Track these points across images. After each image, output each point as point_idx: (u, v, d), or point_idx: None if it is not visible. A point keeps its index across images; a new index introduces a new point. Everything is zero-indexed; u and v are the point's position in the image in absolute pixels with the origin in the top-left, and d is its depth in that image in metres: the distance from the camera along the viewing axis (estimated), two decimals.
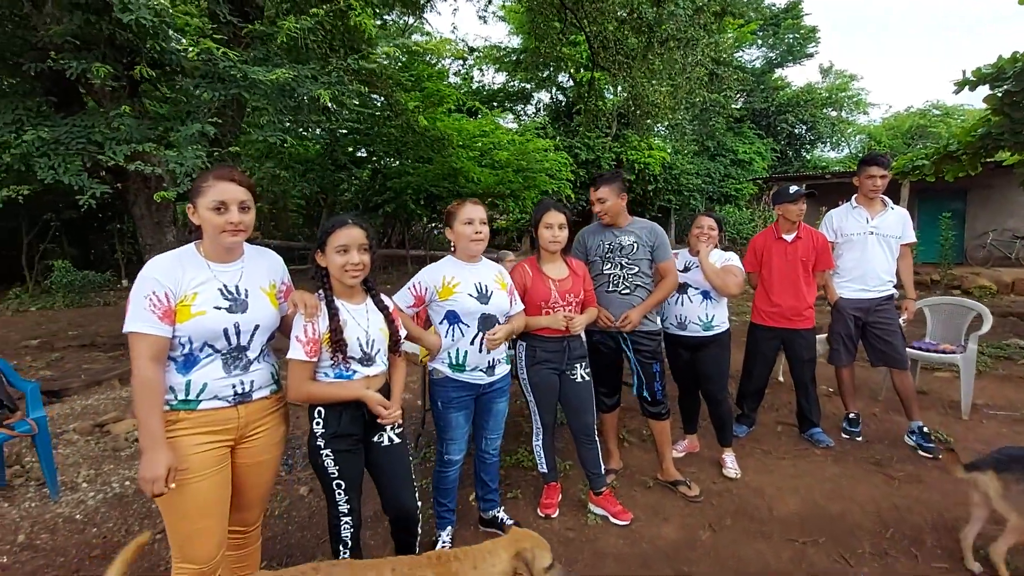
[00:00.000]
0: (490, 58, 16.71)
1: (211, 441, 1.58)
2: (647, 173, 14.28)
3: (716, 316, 2.99)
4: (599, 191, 2.77)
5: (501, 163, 11.02)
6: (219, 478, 1.59)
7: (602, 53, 8.18)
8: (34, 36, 3.53)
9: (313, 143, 10.66)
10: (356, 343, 1.79)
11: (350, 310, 1.83)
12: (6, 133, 3.62)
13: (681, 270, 3.02)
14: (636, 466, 3.19)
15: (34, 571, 2.26)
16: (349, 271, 1.77)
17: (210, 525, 1.57)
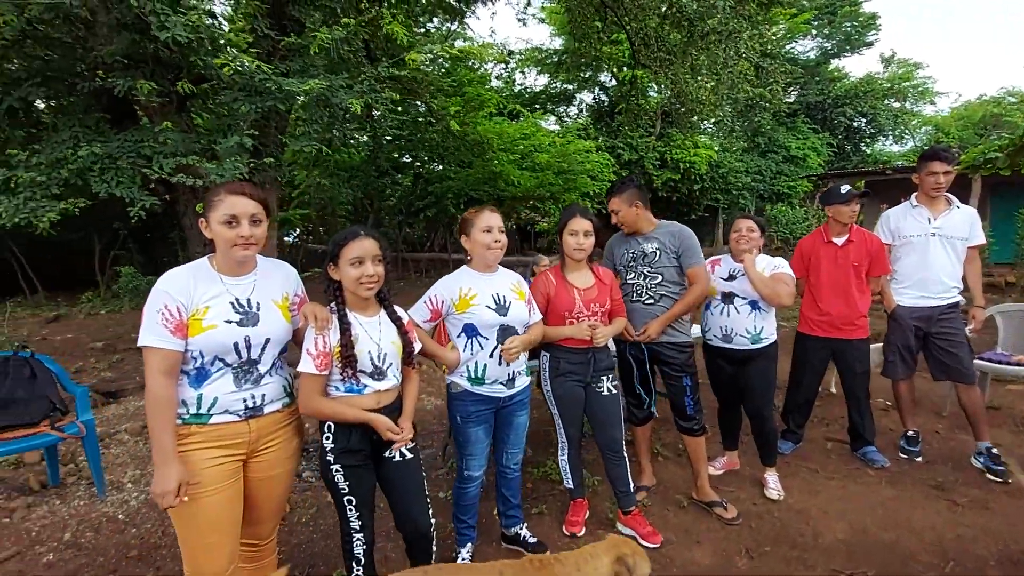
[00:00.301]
0: (532, 60, 16.67)
1: (223, 455, 1.58)
2: (693, 172, 13.84)
3: (765, 328, 2.78)
4: (611, 202, 2.69)
5: (542, 165, 10.94)
6: (230, 492, 1.59)
7: (643, 50, 7.97)
8: (87, 57, 3.74)
9: (358, 150, 10.92)
10: (367, 357, 1.76)
11: (362, 323, 1.80)
12: (64, 149, 3.82)
13: (725, 278, 2.84)
14: (670, 483, 3.03)
15: (76, 570, 2.36)
16: (364, 283, 1.75)
17: (220, 540, 1.58)
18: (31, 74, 3.75)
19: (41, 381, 3.06)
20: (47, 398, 3.02)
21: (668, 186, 14.37)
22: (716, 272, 2.89)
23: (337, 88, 3.84)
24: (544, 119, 16.48)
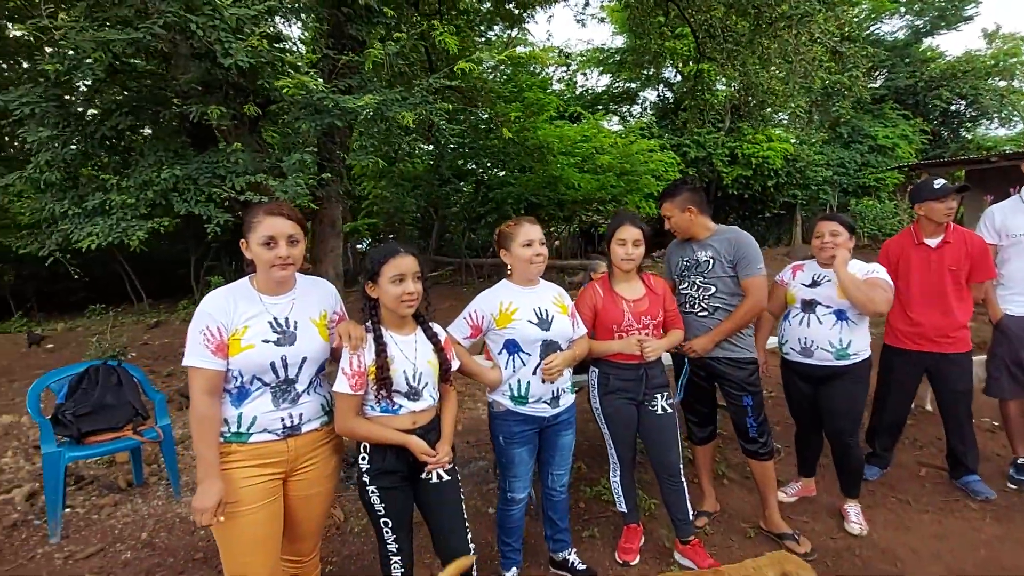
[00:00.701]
0: (593, 61, 16.43)
1: (262, 474, 1.60)
2: (766, 167, 13.03)
3: (854, 342, 2.46)
4: (663, 207, 2.55)
5: (603, 167, 10.72)
6: (269, 512, 1.61)
7: (708, 43, 7.58)
8: (168, 87, 4.03)
9: (422, 161, 11.20)
10: (402, 376, 1.73)
11: (398, 342, 1.77)
12: (150, 173, 4.11)
13: (807, 284, 2.57)
14: (736, 509, 2.81)
15: (148, 569, 2.51)
16: (405, 301, 1.72)
17: (260, 559, 1.59)
18: (120, 106, 4.09)
19: (126, 388, 3.31)
20: (131, 404, 3.25)
21: (739, 183, 13.63)
22: (798, 278, 2.63)
23: (391, 102, 3.90)
24: (606, 120, 16.17)
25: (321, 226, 5.91)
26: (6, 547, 2.70)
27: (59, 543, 2.71)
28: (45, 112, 3.64)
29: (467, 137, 9.84)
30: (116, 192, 4.09)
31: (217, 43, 3.06)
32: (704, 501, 2.76)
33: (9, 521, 2.95)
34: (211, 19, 3.05)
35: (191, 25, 3.00)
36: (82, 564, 2.55)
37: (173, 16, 2.99)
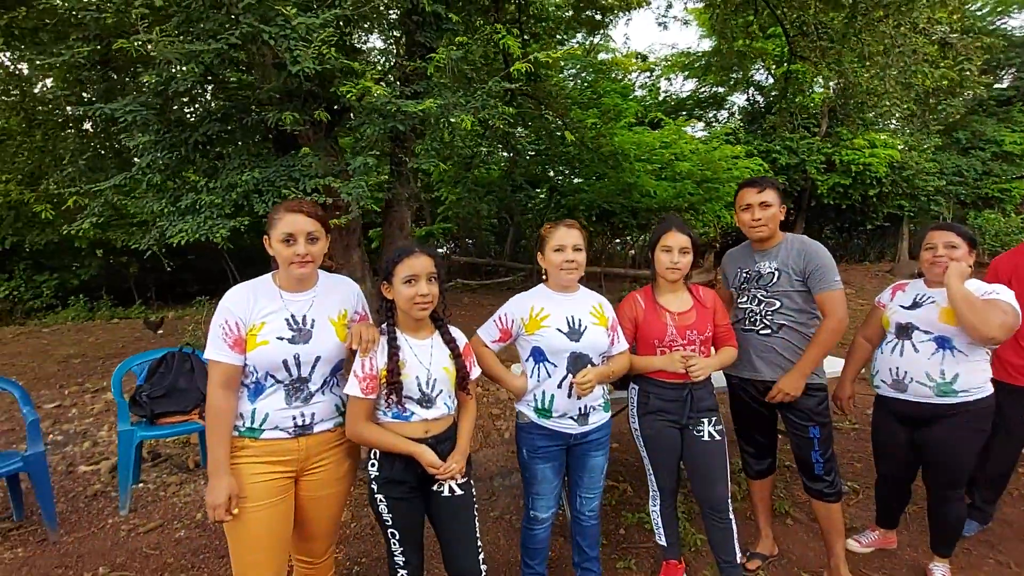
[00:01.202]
0: (678, 65, 15.83)
1: (272, 471, 1.60)
2: (868, 175, 11.77)
3: (962, 376, 2.06)
4: (764, 192, 2.18)
5: (682, 174, 10.26)
6: (278, 510, 1.60)
7: (801, 41, 7.03)
8: (252, 95, 4.32)
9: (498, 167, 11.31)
10: (415, 383, 1.68)
11: (413, 346, 1.72)
12: (235, 176, 4.42)
13: (907, 306, 2.21)
14: (798, 555, 2.49)
15: (196, 549, 2.65)
16: (418, 303, 1.67)
17: (266, 557, 1.59)
18: (212, 114, 4.44)
19: (198, 374, 3.55)
20: (199, 389, 3.48)
21: (836, 192, 12.45)
22: (896, 299, 2.28)
23: (452, 106, 3.93)
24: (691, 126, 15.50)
25: (390, 228, 6.11)
26: (84, 515, 2.97)
27: (126, 516, 2.94)
28: (146, 120, 4.01)
29: (542, 143, 9.80)
30: (206, 193, 4.43)
31: (287, 52, 3.22)
32: (760, 542, 2.48)
33: (92, 491, 3.26)
34: (282, 29, 3.21)
35: (263, 35, 3.18)
36: (142, 538, 2.73)
37: (248, 27, 3.18)
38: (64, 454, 3.81)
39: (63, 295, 10.95)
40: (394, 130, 4.08)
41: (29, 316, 10.50)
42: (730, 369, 2.33)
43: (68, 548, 2.63)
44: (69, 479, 3.42)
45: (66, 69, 4.60)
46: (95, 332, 9.01)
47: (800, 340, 2.18)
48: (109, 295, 11.13)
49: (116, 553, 2.58)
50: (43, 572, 2.43)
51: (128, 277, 11.52)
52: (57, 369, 6.55)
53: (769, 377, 2.20)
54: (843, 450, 3.59)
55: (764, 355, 2.21)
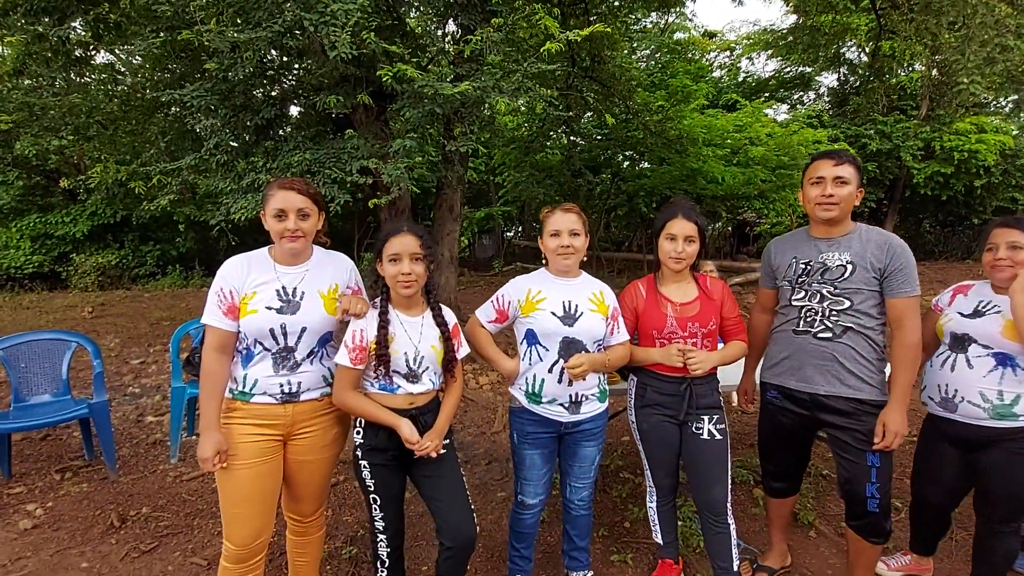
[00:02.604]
0: (760, 44, 14.76)
1: (260, 434, 1.70)
2: (975, 163, 10.43)
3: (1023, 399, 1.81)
4: (842, 167, 1.87)
5: (755, 160, 9.62)
6: (264, 469, 1.71)
7: (891, 14, 6.33)
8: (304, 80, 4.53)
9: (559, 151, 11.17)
10: (403, 358, 1.73)
11: (404, 322, 1.77)
12: (290, 156, 4.67)
13: (966, 313, 1.96)
14: (812, 569, 2.33)
15: None
16: (400, 281, 1.72)
17: (251, 512, 1.69)
18: (269, 99, 4.71)
19: None
20: None
21: (935, 182, 11.17)
22: (956, 304, 2.02)
23: (488, 89, 3.91)
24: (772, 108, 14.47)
25: (440, 211, 6.24)
26: (142, 459, 3.33)
27: (175, 464, 3.25)
28: (211, 104, 4.33)
29: (606, 128, 9.54)
30: (265, 172, 4.72)
31: (325, 37, 3.34)
32: (770, 554, 2.32)
33: (153, 439, 3.63)
34: (322, 15, 3.33)
35: (304, 22, 3.31)
36: (183, 484, 3.02)
37: (292, 15, 3.32)
38: (138, 404, 4.27)
39: (163, 264, 12.17)
40: (432, 113, 4.14)
41: (135, 282, 11.75)
42: (770, 376, 2.08)
43: (122, 487, 2.96)
44: (137, 427, 3.84)
45: (152, 59, 5.06)
46: (186, 299, 9.95)
47: (866, 348, 1.87)
48: (202, 266, 12.25)
49: (159, 496, 2.87)
50: (99, 506, 2.76)
51: (219, 251, 12.60)
52: (148, 329, 7.30)
53: (824, 390, 1.90)
54: (895, 464, 3.27)
55: (820, 363, 1.90)
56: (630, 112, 8.36)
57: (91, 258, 11.11)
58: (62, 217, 10.99)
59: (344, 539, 2.50)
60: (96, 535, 2.49)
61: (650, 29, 13.02)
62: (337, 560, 2.35)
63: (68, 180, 10.06)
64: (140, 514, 2.66)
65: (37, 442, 3.48)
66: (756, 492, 2.89)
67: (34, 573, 2.23)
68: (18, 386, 3.00)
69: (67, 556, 2.34)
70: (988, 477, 1.90)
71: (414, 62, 3.78)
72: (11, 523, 2.57)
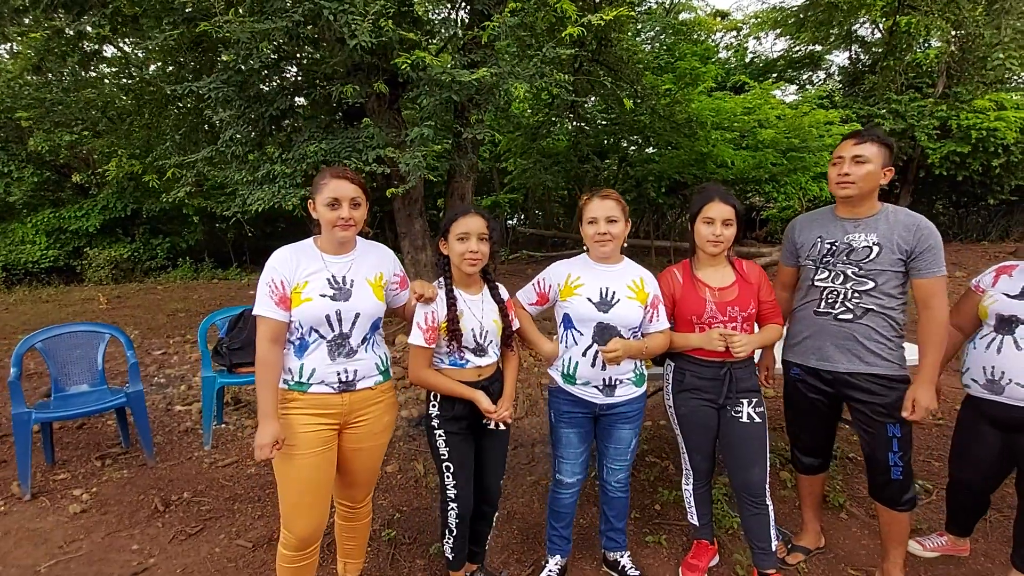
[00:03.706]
0: (768, 21, 14.52)
1: (318, 423, 1.73)
2: (993, 142, 10.26)
3: None
4: (863, 145, 1.87)
5: (765, 143, 9.52)
6: (322, 458, 1.74)
7: None
8: (319, 70, 4.52)
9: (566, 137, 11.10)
10: (470, 333, 1.83)
11: (467, 300, 1.87)
12: (305, 147, 4.68)
13: (1014, 294, 1.93)
14: (848, 550, 2.36)
15: (264, 484, 2.94)
16: (468, 258, 1.80)
17: (311, 500, 1.73)
18: (284, 89, 4.70)
19: None
20: None
21: (951, 162, 11.03)
22: (1000, 285, 1.99)
23: (507, 74, 3.89)
24: (780, 89, 14.28)
25: (451, 199, 6.23)
26: (176, 447, 3.39)
27: (208, 451, 3.31)
28: (227, 96, 4.32)
29: (612, 112, 9.46)
30: (279, 164, 4.73)
31: (345, 26, 3.33)
32: (804, 534, 2.35)
33: (184, 427, 3.69)
34: (341, 4, 3.31)
35: (324, 11, 3.29)
36: (219, 470, 3.08)
37: (312, 4, 3.30)
38: (165, 394, 4.34)
39: (174, 256, 12.24)
40: (449, 100, 4.12)
41: (147, 274, 11.85)
42: (791, 355, 2.13)
43: (161, 473, 3.03)
44: (167, 416, 3.90)
45: (166, 52, 5.04)
46: (199, 290, 10.03)
47: (886, 327, 1.91)
48: (211, 258, 12.31)
49: (198, 481, 2.93)
50: (141, 490, 2.83)
51: (227, 242, 12.65)
52: (166, 321, 7.38)
53: (844, 368, 1.95)
54: (923, 446, 3.29)
55: (842, 343, 1.95)
56: (638, 96, 8.28)
57: (104, 252, 11.20)
58: (74, 212, 11.05)
59: (382, 522, 2.55)
60: (143, 519, 2.56)
61: (655, 9, 12.83)
62: (377, 542, 2.40)
63: (80, 175, 10.13)
64: (182, 499, 2.73)
65: (74, 431, 3.56)
66: (783, 475, 2.91)
67: (89, 555, 2.30)
68: (58, 377, 3.06)
69: (118, 539, 2.41)
70: None
71: (428, 48, 3.76)
72: (60, 507, 2.65)
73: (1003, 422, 1.95)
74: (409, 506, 2.72)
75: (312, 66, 4.73)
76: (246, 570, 2.23)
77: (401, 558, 2.32)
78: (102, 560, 2.26)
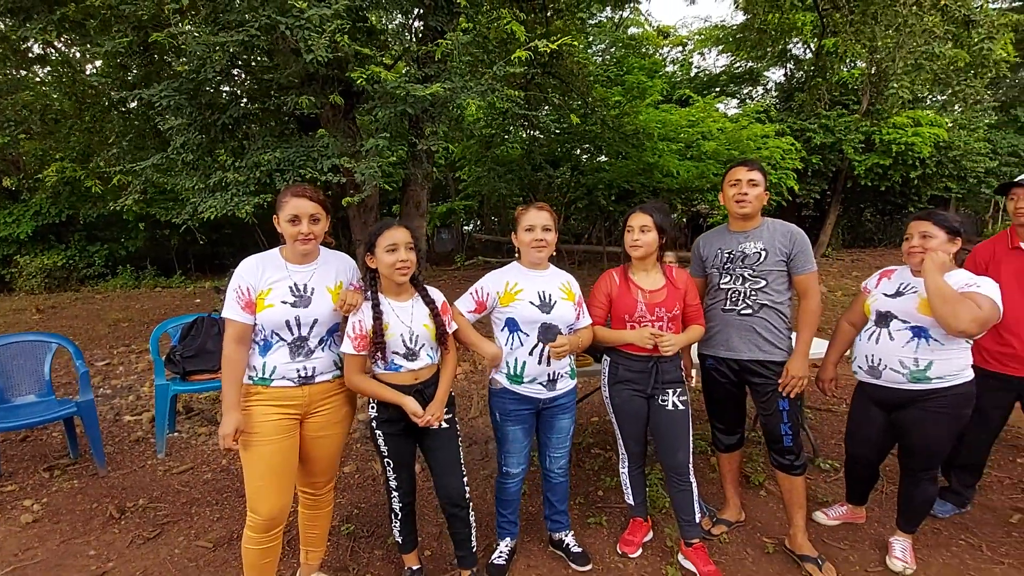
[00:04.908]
0: (711, 39, 15.34)
1: (280, 413, 1.88)
2: (911, 155, 11.25)
3: (936, 364, 2.10)
4: (754, 172, 2.27)
5: (708, 154, 10.09)
6: (284, 445, 1.88)
7: (834, 15, 6.83)
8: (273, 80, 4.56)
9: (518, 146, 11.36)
10: (399, 340, 1.94)
11: (395, 307, 1.98)
12: (259, 155, 4.70)
13: (890, 294, 2.23)
14: (763, 522, 2.65)
15: (220, 488, 3.00)
16: (399, 268, 1.92)
17: (273, 483, 1.87)
18: (237, 97, 4.72)
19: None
20: None
21: (875, 173, 11.98)
22: (881, 286, 2.31)
23: (460, 90, 4.07)
24: (723, 103, 15.07)
25: (407, 207, 6.33)
26: (127, 456, 3.38)
27: (162, 459, 3.32)
28: (179, 104, 4.31)
29: (564, 123, 9.80)
30: (232, 171, 4.74)
31: (302, 41, 3.43)
32: (726, 509, 2.64)
33: (134, 437, 3.67)
34: (297, 20, 3.41)
35: (280, 26, 3.39)
36: (175, 477, 3.10)
37: (267, 19, 3.39)
38: (112, 405, 4.26)
39: (112, 264, 11.72)
40: (404, 113, 4.27)
41: (83, 283, 11.30)
42: (705, 348, 2.45)
43: (114, 482, 3.02)
44: (116, 426, 3.85)
45: (111, 56, 4.96)
46: (141, 299, 9.68)
47: (777, 320, 2.30)
48: (153, 265, 11.86)
49: (153, 488, 2.95)
50: (94, 499, 2.83)
51: (170, 249, 12.22)
52: (107, 331, 7.13)
53: (746, 356, 2.30)
54: (834, 431, 3.67)
55: (744, 335, 2.30)
56: (589, 108, 8.63)
57: (36, 259, 10.63)
58: (4, 217, 10.45)
59: (341, 518, 2.66)
60: (97, 526, 2.58)
61: (605, 23, 13.30)
62: (337, 536, 2.52)
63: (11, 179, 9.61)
64: (137, 505, 2.75)
65: (17, 443, 3.48)
66: (713, 460, 3.20)
67: (45, 562, 2.31)
68: (3, 387, 3.01)
69: (73, 545, 2.42)
70: (908, 433, 2.22)
71: (382, 62, 3.89)
72: (12, 518, 2.62)
73: (883, 402, 2.28)
74: (367, 503, 2.84)
75: (265, 75, 4.76)
76: (207, 569, 2.30)
77: (360, 550, 2.44)
78: (60, 566, 2.28)
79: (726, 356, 2.36)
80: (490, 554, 2.33)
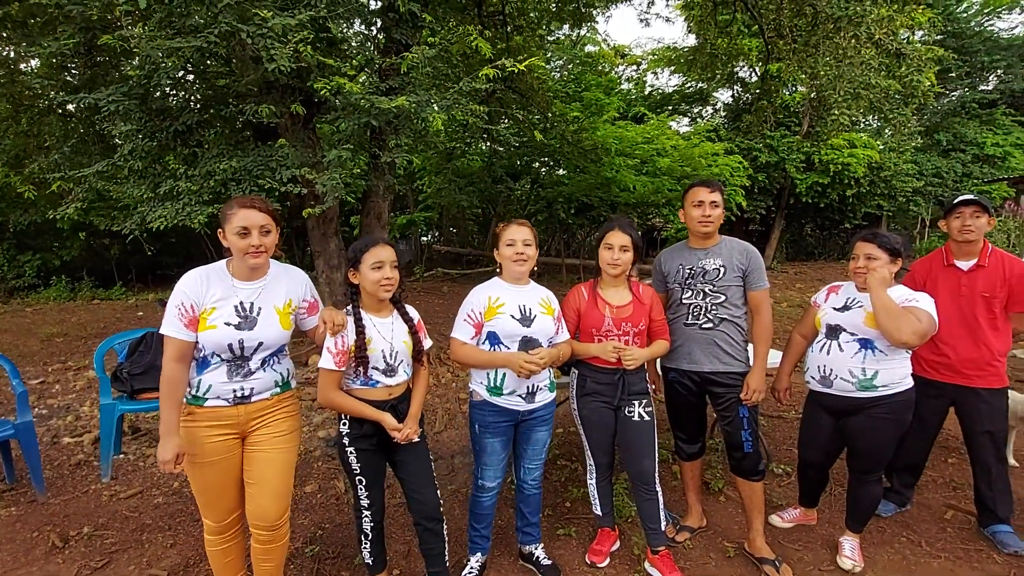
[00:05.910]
0: (664, 60, 15.98)
1: (218, 433, 1.82)
2: (847, 175, 12.07)
3: (881, 373, 2.25)
4: (715, 193, 2.39)
5: (662, 170, 10.46)
6: (225, 464, 1.85)
7: (778, 42, 7.24)
8: (230, 88, 4.44)
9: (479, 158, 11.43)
10: (380, 355, 1.93)
11: (376, 324, 1.96)
12: (213, 164, 4.55)
13: (838, 308, 2.39)
14: (724, 527, 2.75)
15: (173, 513, 2.85)
16: (384, 285, 1.91)
17: (219, 497, 1.87)
18: (190, 104, 4.56)
19: None
20: None
21: (815, 191, 12.75)
22: (830, 301, 2.46)
23: (424, 104, 4.08)
24: (675, 121, 15.70)
25: (368, 218, 6.26)
26: (69, 481, 3.16)
27: (108, 483, 3.12)
28: (128, 109, 4.12)
29: (524, 136, 9.95)
30: (184, 180, 4.56)
31: (263, 50, 3.36)
32: (689, 516, 2.72)
33: (76, 460, 3.43)
34: (260, 28, 3.34)
35: (241, 34, 3.31)
36: (122, 502, 2.93)
37: (227, 26, 3.31)
38: (49, 427, 3.98)
39: (45, 275, 10.96)
40: (367, 124, 4.24)
41: (12, 295, 10.52)
42: (668, 361, 2.54)
43: (55, 509, 2.82)
44: (54, 449, 3.60)
45: (52, 57, 4.69)
46: (77, 312, 9.10)
47: (736, 333, 2.41)
48: (91, 276, 11.16)
49: (99, 515, 2.77)
50: (34, 528, 2.63)
51: (110, 259, 11.55)
52: (40, 347, 6.66)
53: (708, 368, 2.39)
54: (786, 437, 3.85)
55: (706, 347, 2.40)
56: (548, 122, 8.80)
57: None
58: None
59: (304, 540, 2.58)
60: (40, 555, 2.40)
61: (563, 41, 13.62)
62: (301, 559, 2.44)
63: None
64: (82, 533, 2.57)
65: None
66: (675, 468, 3.30)
67: None
68: None
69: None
70: (855, 437, 2.37)
71: (346, 73, 3.86)
72: None
73: (833, 409, 2.42)
74: (331, 523, 2.77)
75: (219, 81, 4.62)
76: None
77: (326, 572, 2.38)
78: None
79: (688, 368, 2.45)
80: (460, 570, 2.31)
